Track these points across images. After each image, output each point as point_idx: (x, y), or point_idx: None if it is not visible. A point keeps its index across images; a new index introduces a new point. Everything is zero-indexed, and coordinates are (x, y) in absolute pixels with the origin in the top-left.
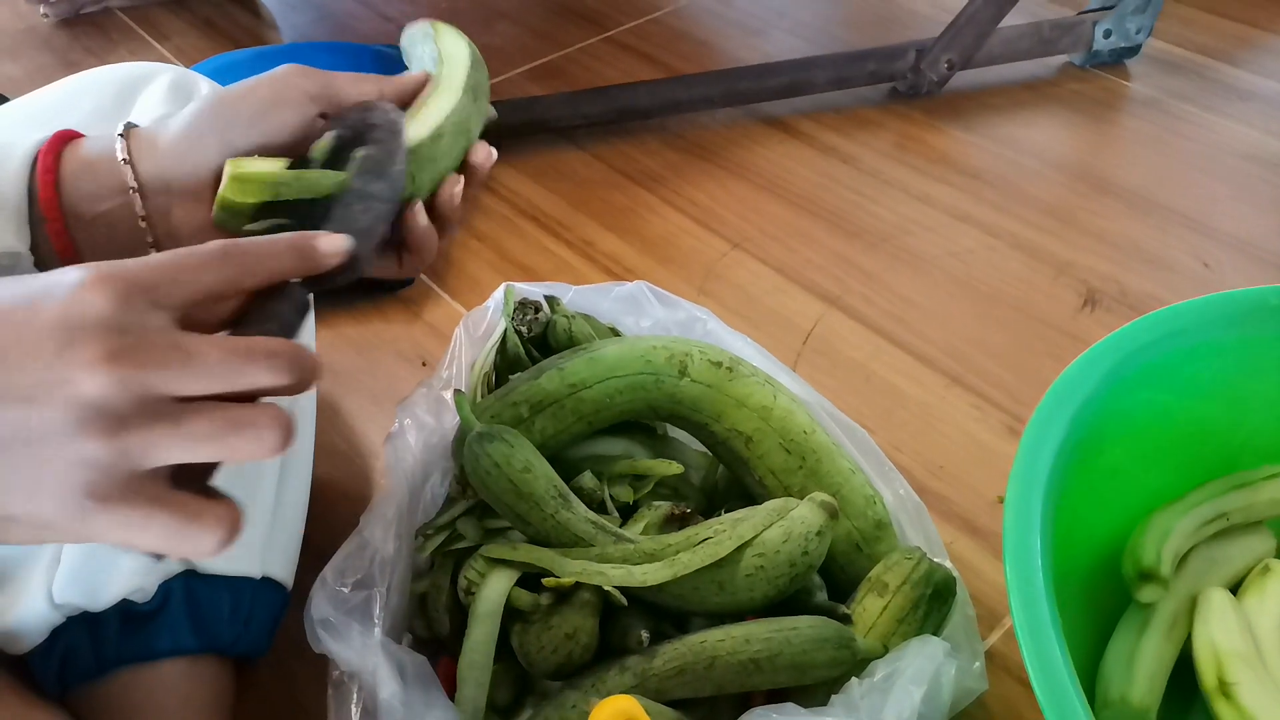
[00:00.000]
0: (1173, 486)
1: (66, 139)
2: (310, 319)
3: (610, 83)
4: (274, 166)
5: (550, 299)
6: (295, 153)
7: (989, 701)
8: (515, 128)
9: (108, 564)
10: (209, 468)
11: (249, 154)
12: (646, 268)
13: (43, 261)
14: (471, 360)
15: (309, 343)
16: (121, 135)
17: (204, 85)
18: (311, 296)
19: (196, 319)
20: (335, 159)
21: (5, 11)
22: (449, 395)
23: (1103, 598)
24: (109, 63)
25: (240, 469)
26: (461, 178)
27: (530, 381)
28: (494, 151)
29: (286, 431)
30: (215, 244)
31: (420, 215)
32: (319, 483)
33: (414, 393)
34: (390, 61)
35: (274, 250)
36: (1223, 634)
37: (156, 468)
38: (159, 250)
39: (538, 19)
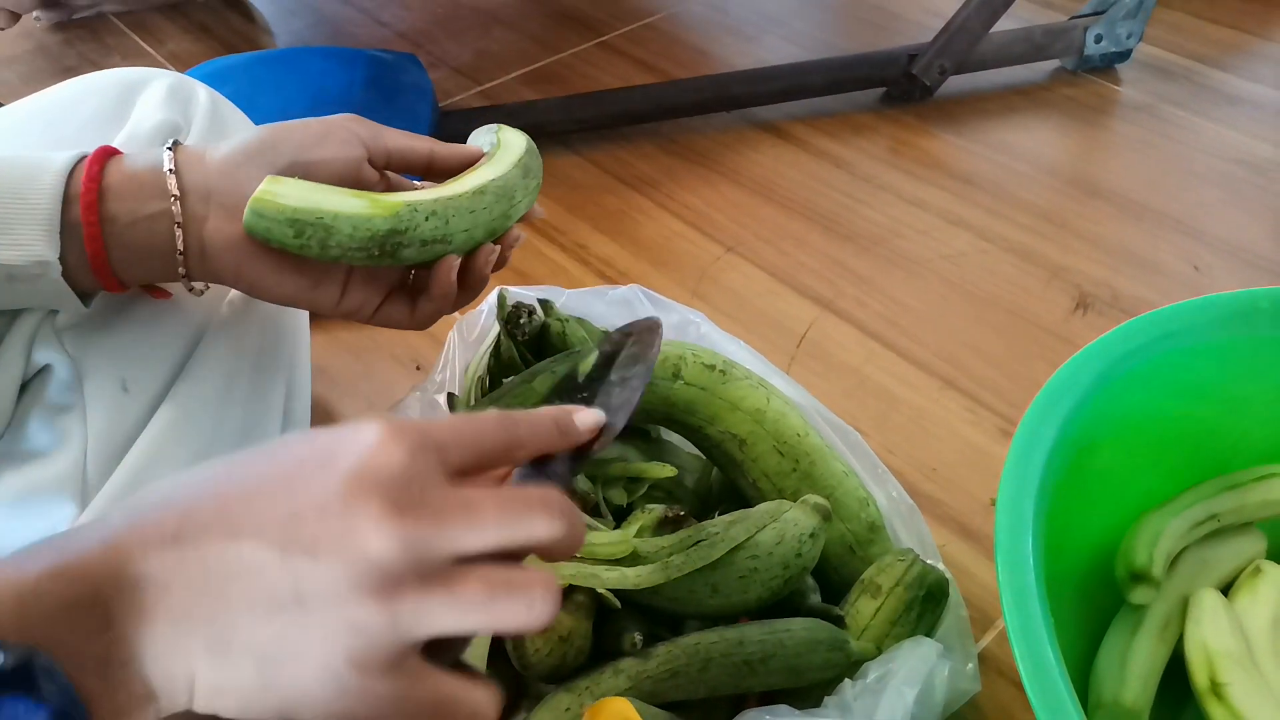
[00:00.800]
0: (1164, 488)
1: (110, 153)
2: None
3: (605, 88)
4: (314, 191)
5: (544, 303)
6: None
7: (982, 703)
8: None
9: None
10: (463, 641)
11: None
12: (640, 271)
13: (74, 272)
14: (465, 364)
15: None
16: (169, 149)
17: (201, 92)
18: (574, 469)
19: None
20: (598, 373)
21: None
22: (443, 399)
23: (1095, 599)
24: (103, 67)
25: None
26: (498, 247)
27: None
28: (523, 235)
29: (556, 598)
30: (493, 412)
31: (452, 269)
32: None
33: (407, 396)
34: (385, 66)
35: (539, 421)
36: (1214, 635)
37: (419, 640)
38: (186, 261)
39: (533, 24)
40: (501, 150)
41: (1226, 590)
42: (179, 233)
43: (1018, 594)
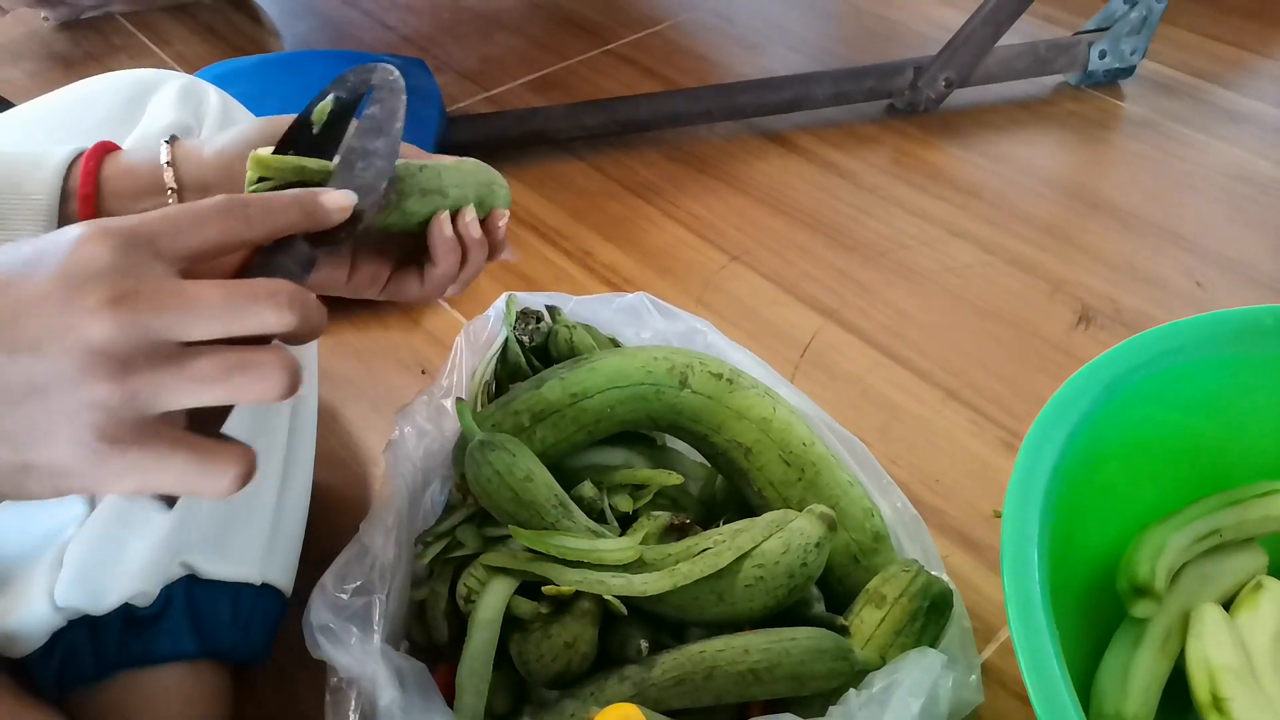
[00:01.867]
0: (1167, 502)
1: (108, 149)
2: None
3: (610, 95)
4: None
5: (551, 309)
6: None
7: (984, 715)
8: (515, 139)
9: (111, 567)
10: (221, 414)
11: None
12: (645, 278)
13: None
14: (472, 369)
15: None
16: (167, 143)
17: (213, 94)
18: (317, 254)
19: (199, 273)
20: (335, 121)
21: (6, 16)
22: (449, 403)
23: (1097, 612)
24: (110, 68)
25: None
26: (473, 209)
27: (532, 391)
28: (507, 214)
29: (293, 374)
30: (218, 198)
31: (445, 225)
32: (319, 490)
33: (414, 401)
34: None
35: (278, 204)
36: (1216, 649)
37: (169, 412)
38: None
39: (539, 31)
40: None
41: (1228, 605)
42: None
43: (1023, 606)
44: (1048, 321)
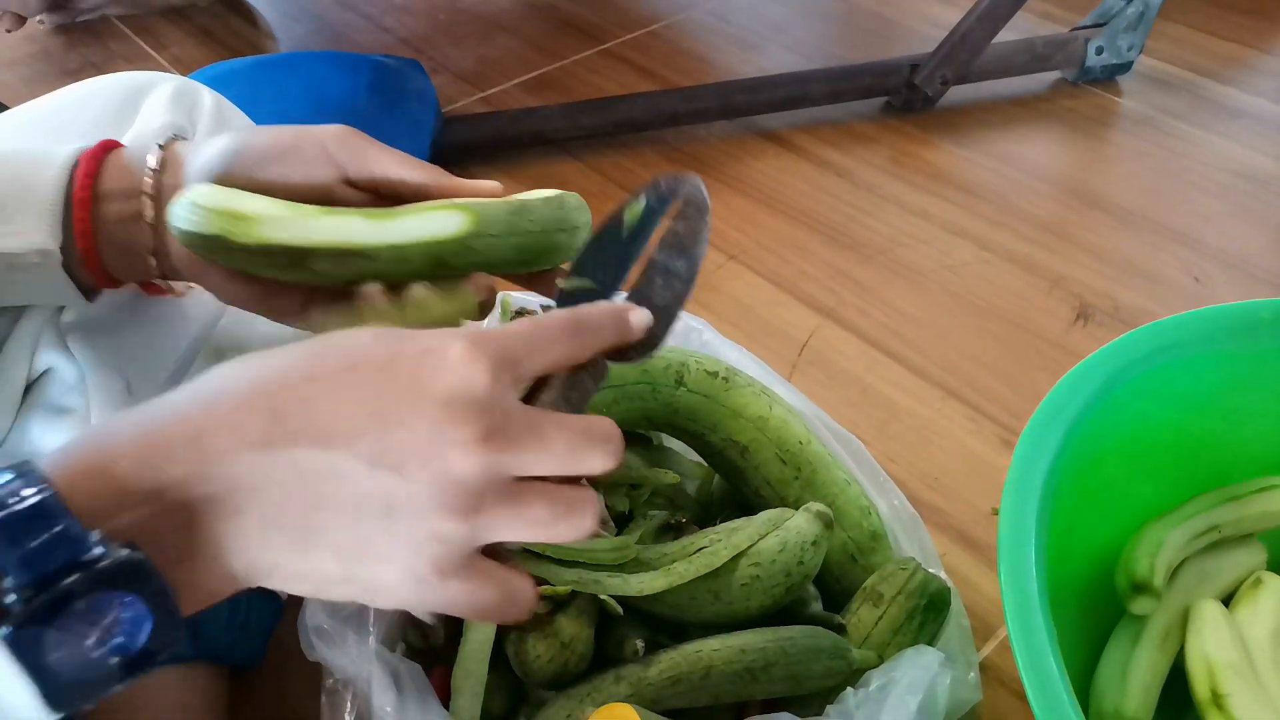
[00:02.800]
0: (1165, 499)
1: (111, 147)
2: None
3: (607, 95)
4: (226, 197)
5: (547, 308)
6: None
7: (983, 713)
8: (512, 139)
9: None
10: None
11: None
12: None
13: (70, 264)
14: None
15: None
16: (161, 145)
17: (206, 95)
18: (606, 372)
19: None
20: (643, 225)
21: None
22: None
23: (1096, 609)
24: (106, 71)
25: None
26: (423, 287)
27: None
28: (494, 289)
29: (599, 517)
30: (564, 315)
31: (374, 295)
32: None
33: None
34: (388, 72)
35: (603, 323)
36: (1215, 645)
37: (483, 545)
38: (159, 262)
39: (536, 31)
40: (513, 199)
41: (1227, 601)
42: (151, 231)
43: (1021, 604)
44: (1046, 319)
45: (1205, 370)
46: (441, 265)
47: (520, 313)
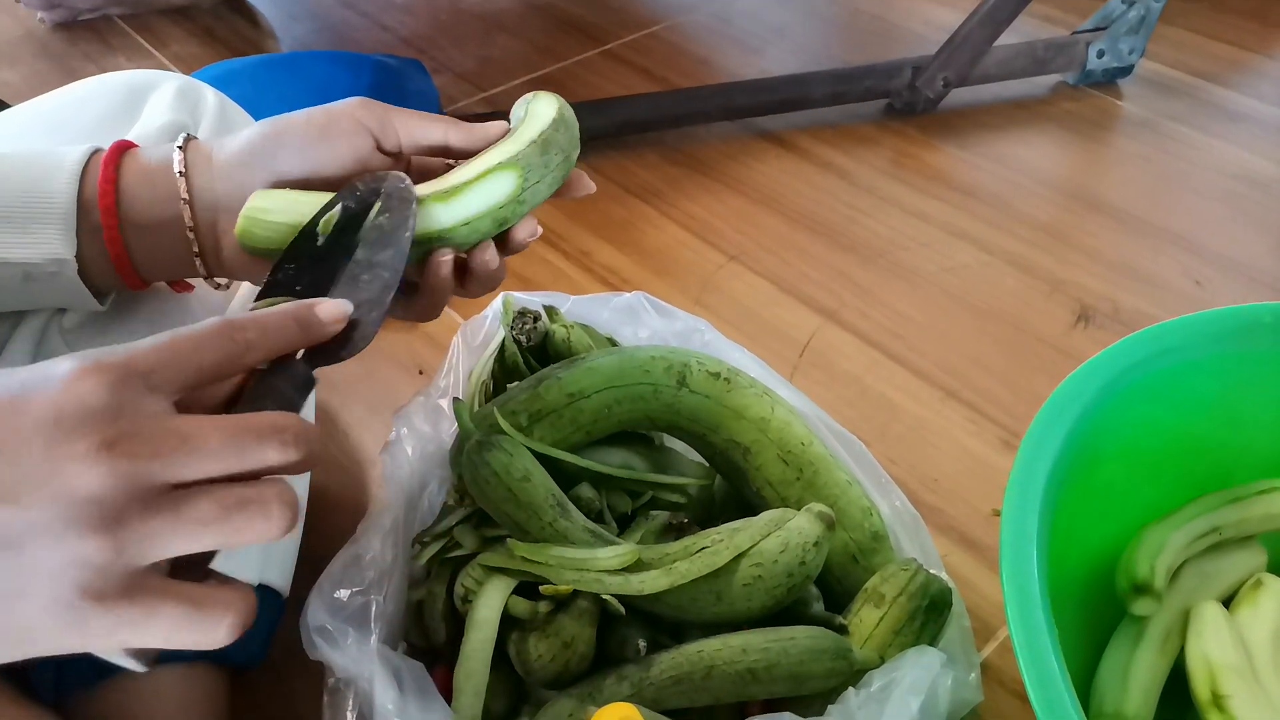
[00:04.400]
0: (1166, 501)
1: (124, 149)
2: (311, 397)
3: (608, 96)
4: (299, 203)
5: (549, 309)
6: (340, 185)
7: (984, 714)
8: None
9: None
10: (207, 555)
11: (296, 181)
12: (643, 279)
13: (90, 270)
14: (469, 369)
15: (308, 416)
16: (180, 147)
17: (209, 94)
18: (314, 375)
19: (193, 401)
20: (342, 231)
21: (3, 17)
22: (446, 404)
23: (1097, 611)
24: (107, 69)
25: None
26: (491, 244)
27: (529, 391)
28: (538, 229)
29: (294, 510)
30: (213, 322)
31: (442, 267)
32: (316, 491)
33: (411, 402)
34: (390, 71)
35: (274, 324)
36: (1216, 647)
37: (157, 562)
38: (204, 261)
39: (537, 32)
40: (524, 125)
41: (1228, 603)
42: (192, 236)
43: (1022, 605)
44: (1046, 321)
45: (1206, 373)
46: (502, 225)
47: (522, 313)
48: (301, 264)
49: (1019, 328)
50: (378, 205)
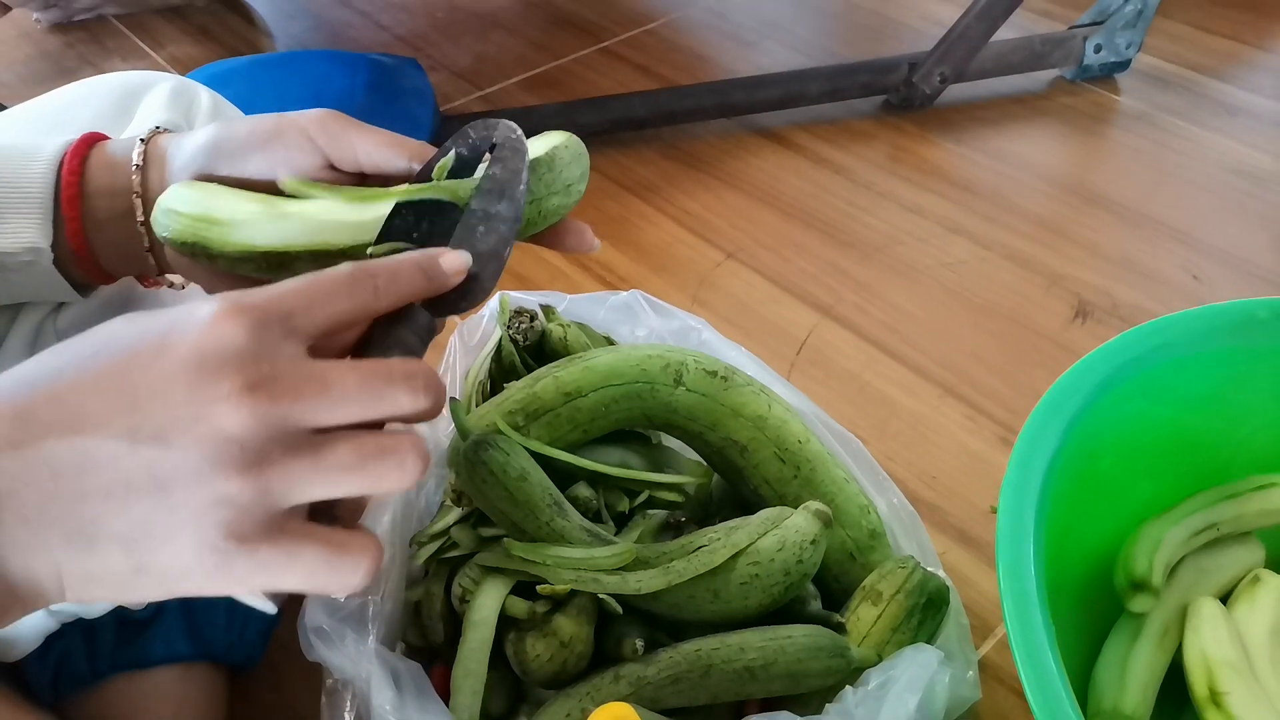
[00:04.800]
0: (1163, 497)
1: (94, 140)
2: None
3: (605, 93)
4: (212, 197)
5: (545, 308)
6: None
7: (982, 711)
8: None
9: None
10: (335, 503)
11: (232, 185)
12: (640, 277)
13: (61, 261)
14: (466, 368)
15: None
16: (143, 140)
17: (204, 94)
18: (435, 321)
19: (321, 348)
20: (456, 178)
21: (3, 16)
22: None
23: (1095, 607)
24: (103, 70)
25: None
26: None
27: (526, 390)
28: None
29: (426, 461)
30: (345, 268)
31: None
32: None
33: None
34: (386, 70)
35: (403, 271)
36: (1214, 643)
37: (296, 505)
38: (155, 259)
39: (534, 29)
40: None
41: (1225, 599)
42: (143, 231)
43: (1019, 602)
44: (1044, 316)
45: (1203, 368)
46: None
47: (519, 312)
48: (418, 212)
49: (1017, 323)
50: (489, 154)
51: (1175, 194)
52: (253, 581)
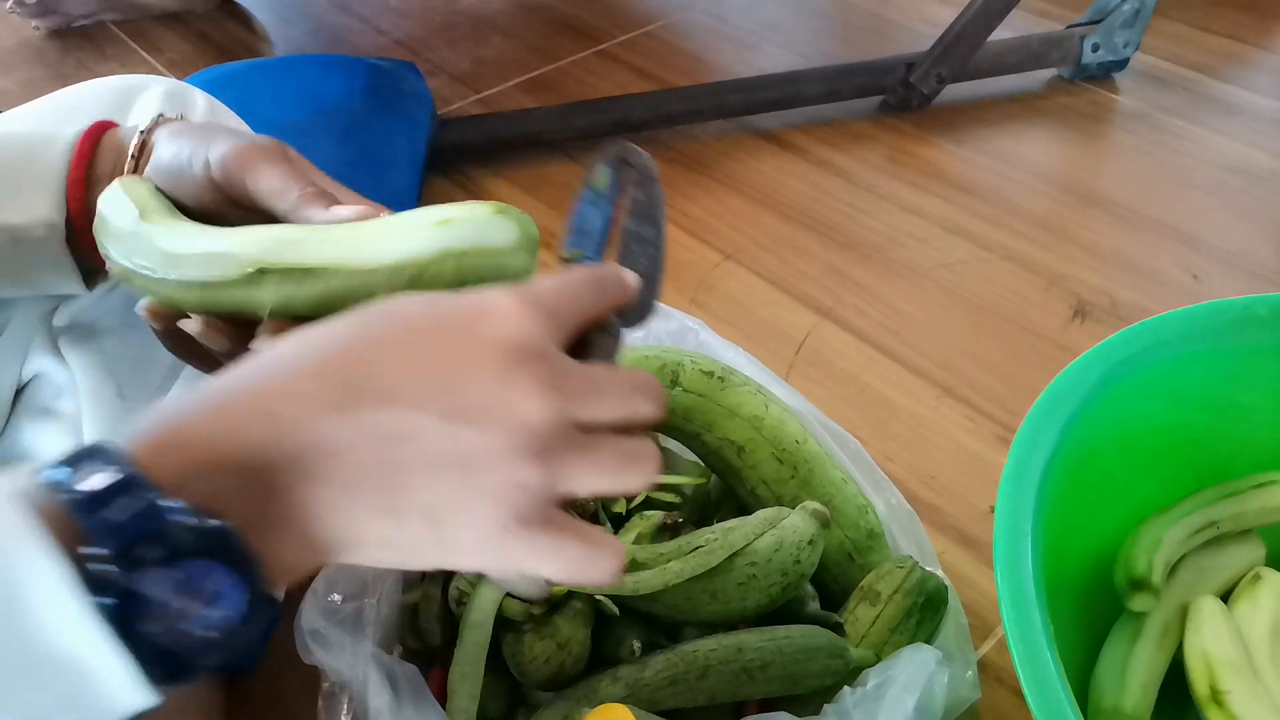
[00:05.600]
0: (1163, 495)
1: (106, 127)
2: None
3: (603, 96)
4: (144, 198)
5: None
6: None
7: (981, 711)
8: (507, 141)
9: None
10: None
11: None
12: None
13: (71, 241)
14: None
15: None
16: (143, 131)
17: (199, 98)
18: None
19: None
20: (610, 193)
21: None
22: None
23: (1094, 606)
24: (101, 75)
25: None
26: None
27: None
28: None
29: (661, 465)
30: (587, 271)
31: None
32: None
33: None
34: (384, 74)
35: (614, 281)
36: (1214, 642)
37: (565, 496)
38: None
39: (531, 32)
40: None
41: (1226, 597)
42: None
43: (1017, 601)
44: (1043, 316)
45: (1202, 366)
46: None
47: None
48: (588, 221)
49: (1016, 323)
50: (629, 179)
51: (1174, 193)
52: (522, 564)
